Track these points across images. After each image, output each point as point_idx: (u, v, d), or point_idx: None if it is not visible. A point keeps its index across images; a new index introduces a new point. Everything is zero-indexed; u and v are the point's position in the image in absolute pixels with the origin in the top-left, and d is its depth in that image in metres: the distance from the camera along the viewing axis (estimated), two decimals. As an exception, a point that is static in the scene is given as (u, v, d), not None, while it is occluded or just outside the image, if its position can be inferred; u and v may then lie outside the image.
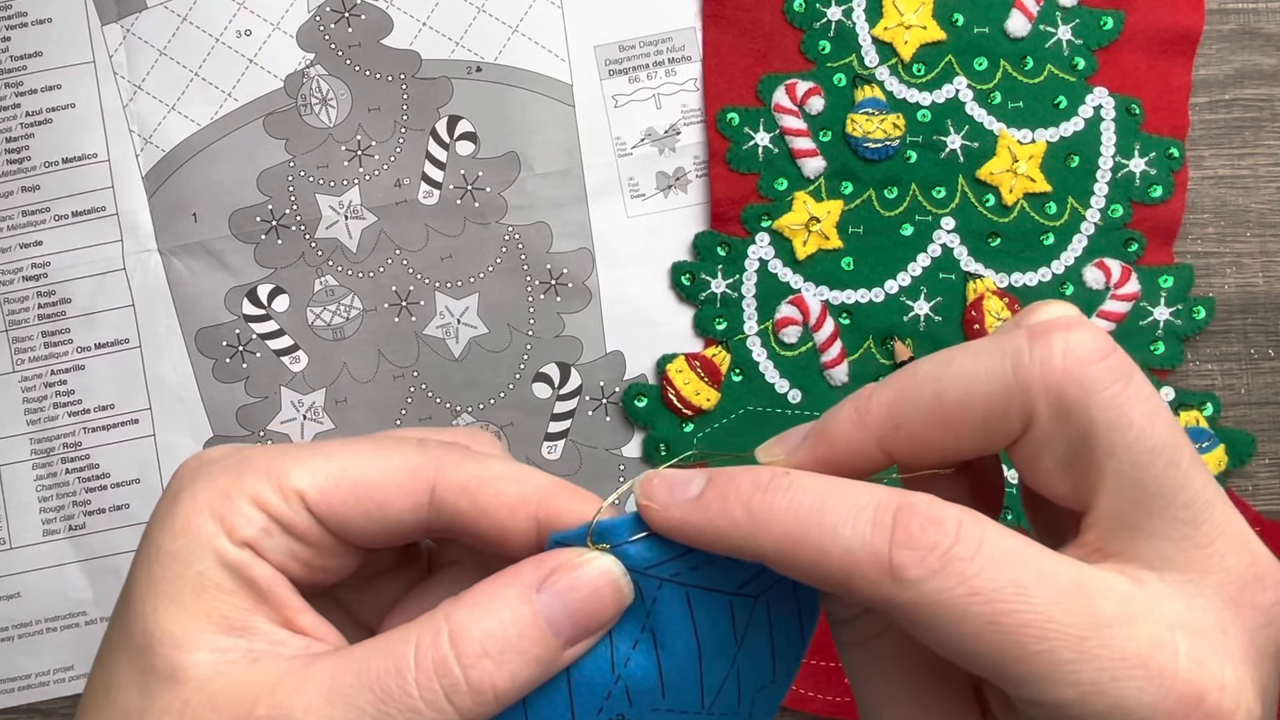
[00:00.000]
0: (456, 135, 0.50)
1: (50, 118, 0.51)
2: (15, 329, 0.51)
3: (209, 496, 0.25)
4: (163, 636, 0.23)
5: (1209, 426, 0.48)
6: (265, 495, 0.25)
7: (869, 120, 0.48)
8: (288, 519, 0.25)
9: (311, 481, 0.25)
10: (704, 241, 0.49)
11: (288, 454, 0.25)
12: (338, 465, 0.25)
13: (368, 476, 0.25)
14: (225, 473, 0.25)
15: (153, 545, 0.25)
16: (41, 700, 0.50)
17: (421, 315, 0.50)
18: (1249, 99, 0.49)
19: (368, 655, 0.23)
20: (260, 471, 0.25)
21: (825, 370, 0.49)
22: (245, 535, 0.24)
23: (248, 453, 0.26)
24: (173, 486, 0.26)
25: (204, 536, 0.24)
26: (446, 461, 0.26)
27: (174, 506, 0.25)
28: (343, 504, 0.25)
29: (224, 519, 0.24)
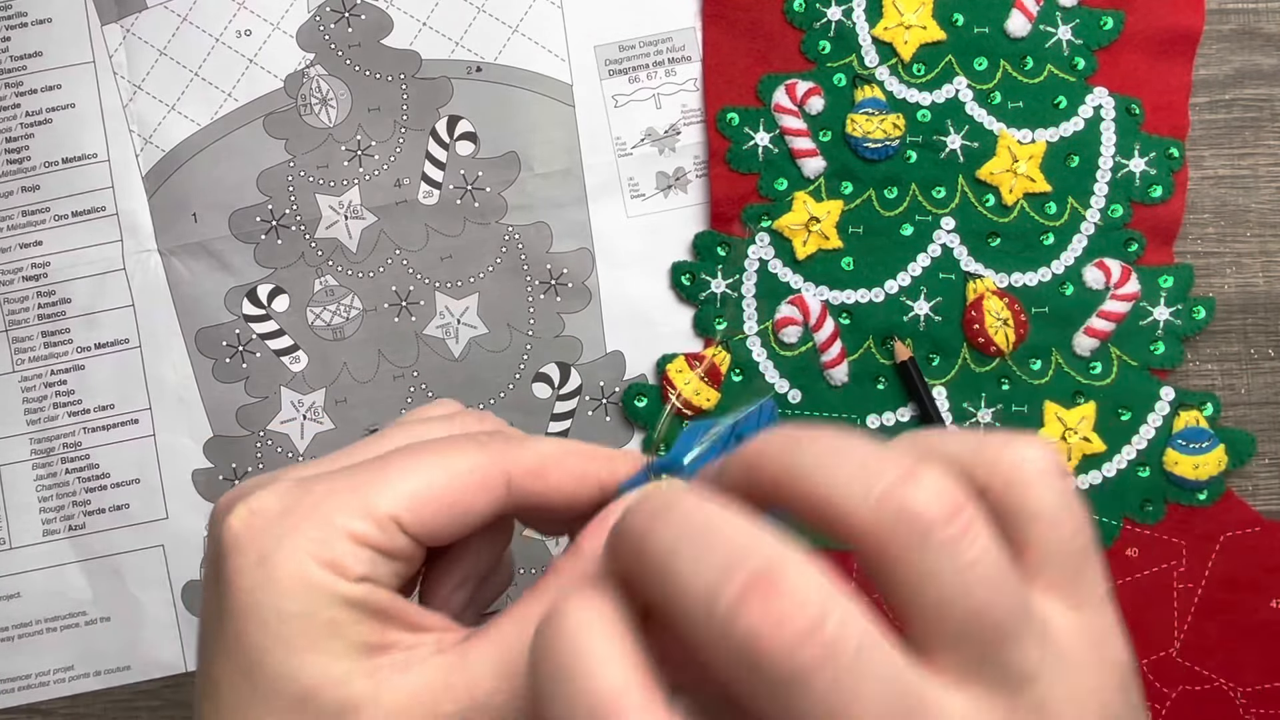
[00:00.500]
0: (456, 135, 0.50)
1: (50, 118, 0.51)
2: (15, 329, 0.51)
3: (309, 549, 0.25)
4: (322, 681, 0.24)
5: (1209, 426, 0.48)
6: (363, 531, 0.25)
7: (869, 120, 0.48)
8: (389, 547, 0.26)
9: (399, 504, 0.26)
10: (704, 241, 0.49)
11: (360, 487, 0.26)
12: (418, 483, 0.26)
13: (450, 486, 0.26)
14: (309, 521, 0.25)
15: (263, 610, 0.24)
16: (41, 700, 0.50)
17: (421, 315, 0.50)
18: (1249, 99, 0.49)
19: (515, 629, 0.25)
20: (346, 509, 0.25)
21: (825, 370, 0.49)
22: (360, 572, 0.25)
23: (314, 494, 0.26)
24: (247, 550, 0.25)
25: (324, 586, 0.25)
26: (509, 453, 0.27)
27: (269, 570, 0.24)
28: (434, 517, 0.26)
29: (334, 564, 0.25)
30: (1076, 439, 0.48)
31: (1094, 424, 0.48)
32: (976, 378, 0.48)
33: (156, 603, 0.50)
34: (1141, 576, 0.48)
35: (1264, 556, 0.47)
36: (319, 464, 0.28)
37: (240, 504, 0.26)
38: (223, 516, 0.26)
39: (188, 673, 0.50)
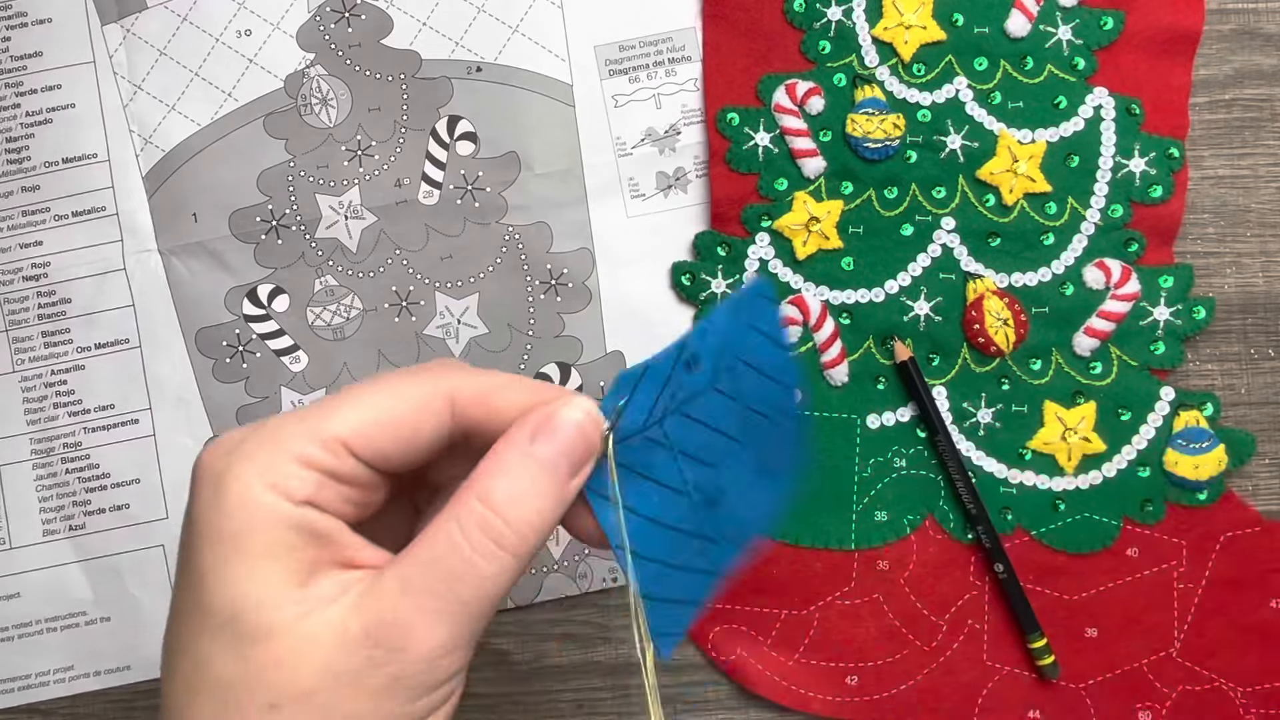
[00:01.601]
0: (456, 135, 0.50)
1: (50, 118, 0.51)
2: (15, 329, 0.51)
3: (256, 470, 0.26)
4: (249, 604, 0.25)
5: (1209, 426, 0.48)
6: (311, 453, 0.26)
7: (869, 120, 0.48)
8: (337, 469, 0.27)
9: (349, 428, 0.27)
10: (704, 241, 0.49)
11: (314, 412, 0.27)
12: (366, 407, 0.27)
13: (396, 409, 0.27)
14: (261, 446, 0.26)
15: (210, 527, 0.26)
16: (41, 700, 0.50)
17: (421, 315, 0.50)
18: (1249, 99, 0.49)
19: (418, 550, 0.27)
20: (297, 434, 0.26)
21: (825, 370, 0.49)
22: (302, 494, 0.26)
23: (269, 424, 0.27)
24: (208, 474, 0.26)
25: (263, 505, 0.26)
26: (456, 379, 0.28)
27: (220, 489, 0.26)
28: (381, 440, 0.27)
29: (277, 485, 0.26)
30: (1076, 439, 0.48)
31: (1094, 424, 0.48)
32: (976, 378, 0.48)
33: (156, 603, 0.50)
34: (1141, 576, 0.48)
35: (1264, 556, 0.47)
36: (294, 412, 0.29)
37: (214, 442, 0.27)
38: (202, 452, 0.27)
39: (188, 673, 0.50)
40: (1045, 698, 0.48)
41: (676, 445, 0.29)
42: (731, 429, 0.30)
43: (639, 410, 0.28)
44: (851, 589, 0.49)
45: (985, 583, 0.48)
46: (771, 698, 0.49)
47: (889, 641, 0.49)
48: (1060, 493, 0.48)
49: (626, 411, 0.28)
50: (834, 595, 0.49)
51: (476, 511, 0.27)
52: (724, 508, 0.30)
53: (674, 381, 0.28)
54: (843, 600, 0.49)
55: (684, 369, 0.28)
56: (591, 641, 0.50)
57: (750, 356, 0.30)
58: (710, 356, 0.29)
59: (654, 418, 0.28)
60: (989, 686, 0.48)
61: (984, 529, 0.47)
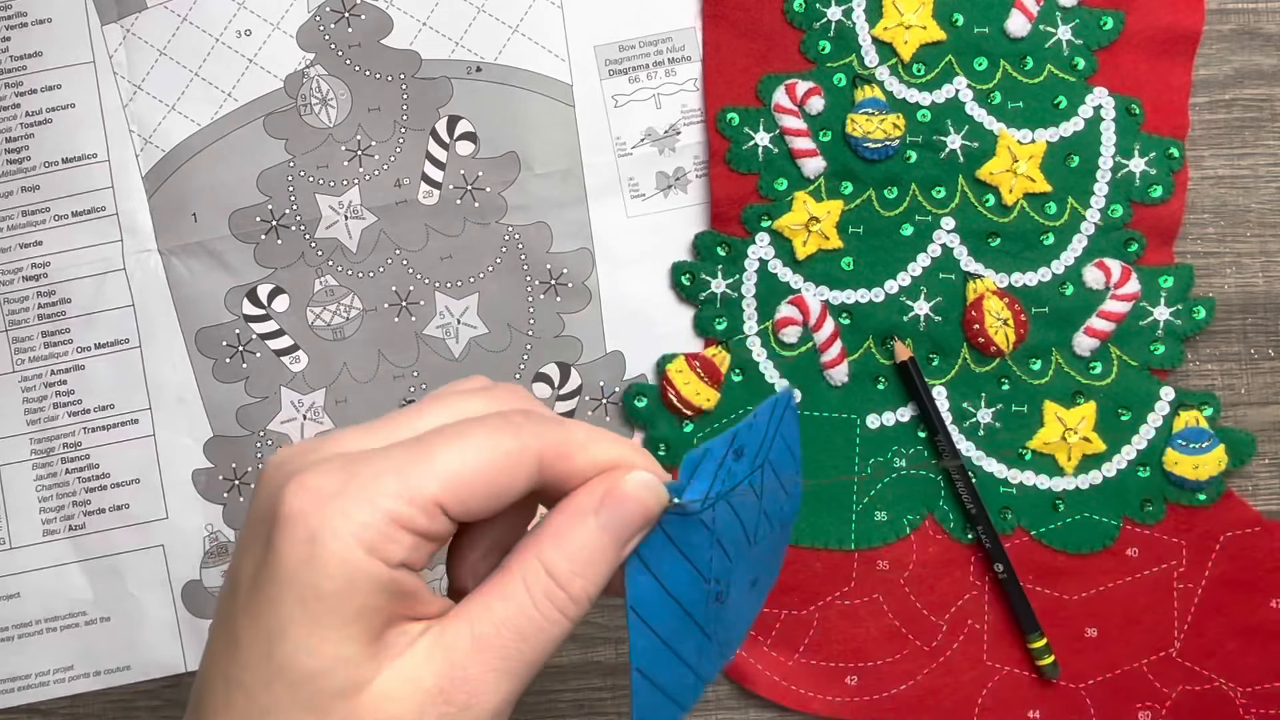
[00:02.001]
0: (456, 135, 0.50)
1: (50, 118, 0.51)
2: (15, 329, 0.51)
3: (355, 530, 0.26)
4: (334, 662, 0.26)
5: (1209, 426, 0.48)
6: (409, 515, 0.26)
7: (869, 120, 0.48)
8: (429, 530, 0.27)
9: (443, 488, 0.26)
10: (704, 241, 0.49)
11: (405, 470, 0.26)
12: (458, 463, 0.27)
13: (489, 467, 0.27)
14: (356, 503, 0.26)
15: (300, 585, 0.26)
16: (41, 700, 0.50)
17: (421, 315, 0.50)
18: (1249, 99, 0.49)
19: (488, 606, 0.27)
20: (391, 492, 0.26)
21: (825, 370, 0.49)
22: (398, 557, 0.26)
23: (360, 474, 0.26)
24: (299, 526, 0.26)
25: (364, 572, 0.26)
26: (542, 434, 0.28)
27: (317, 548, 0.25)
28: (473, 499, 0.27)
29: (376, 549, 0.26)
30: (1076, 439, 0.48)
31: (1094, 424, 0.48)
32: (976, 378, 0.49)
33: (156, 603, 0.50)
34: (1141, 576, 0.48)
35: (1264, 556, 0.47)
36: (360, 434, 0.28)
37: (297, 479, 0.26)
38: (279, 488, 0.27)
39: (188, 673, 0.50)
40: (1045, 698, 0.48)
41: (716, 532, 0.30)
42: (749, 527, 0.31)
43: (695, 491, 0.29)
44: (851, 589, 0.49)
45: (985, 583, 0.48)
46: (771, 698, 0.49)
47: (889, 641, 0.49)
48: (1060, 493, 0.48)
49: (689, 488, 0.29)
50: (834, 595, 0.49)
51: (545, 582, 0.28)
52: (726, 608, 0.31)
53: (725, 468, 0.29)
54: (842, 600, 0.49)
55: (734, 457, 0.29)
56: (591, 641, 0.50)
57: (774, 461, 0.31)
58: (751, 449, 0.30)
59: (709, 501, 0.29)
60: (989, 686, 0.48)
61: (984, 529, 0.47)
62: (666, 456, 0.49)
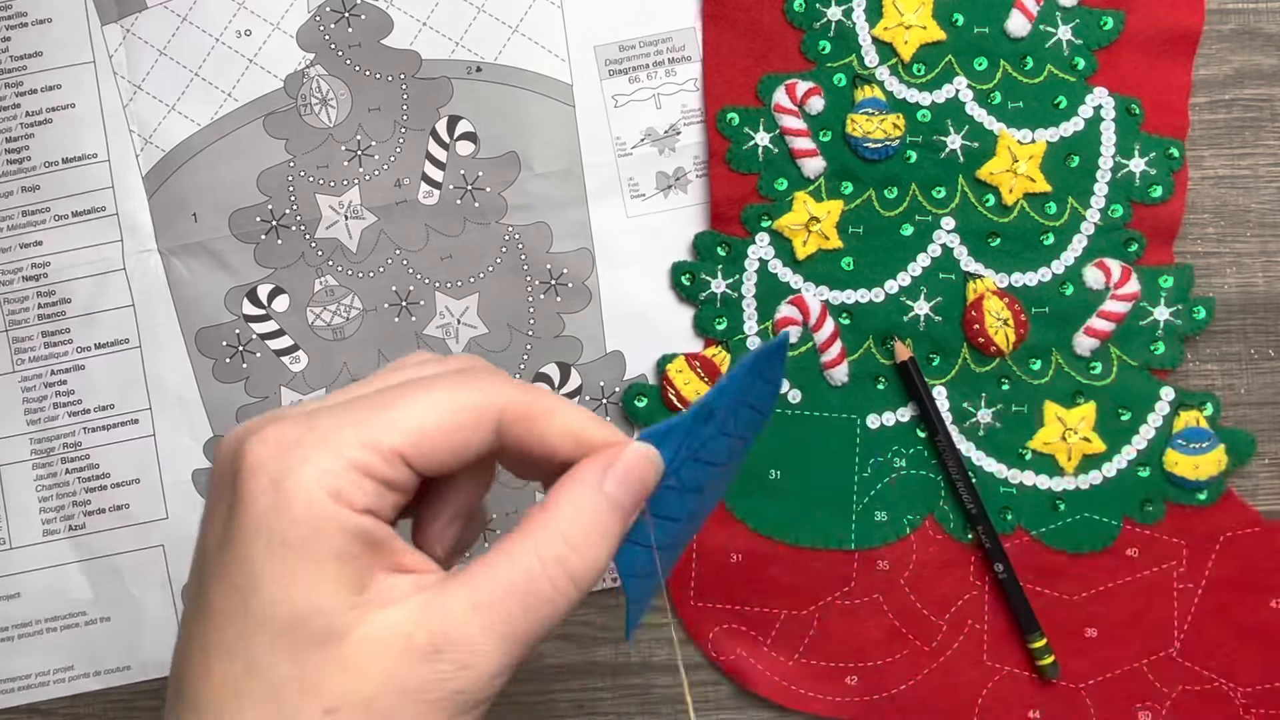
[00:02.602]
0: (456, 135, 0.50)
1: (50, 118, 0.51)
2: (15, 329, 0.51)
3: (318, 477, 0.26)
4: (313, 609, 0.25)
5: (1209, 426, 0.48)
6: (371, 462, 0.26)
7: (869, 120, 0.48)
8: (392, 478, 0.27)
9: (404, 438, 0.27)
10: (704, 241, 0.49)
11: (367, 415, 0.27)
12: (420, 416, 0.27)
13: (449, 420, 0.28)
14: (318, 450, 0.26)
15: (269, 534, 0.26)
16: (41, 700, 0.50)
17: (421, 315, 0.50)
18: (1249, 99, 0.49)
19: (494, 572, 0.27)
20: (355, 442, 0.26)
21: (825, 370, 0.49)
22: (364, 503, 0.26)
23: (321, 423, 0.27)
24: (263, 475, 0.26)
25: (331, 517, 0.26)
26: (506, 393, 0.29)
27: (281, 495, 0.26)
28: (434, 450, 0.27)
29: (341, 495, 0.26)
30: (1076, 439, 0.48)
31: (1094, 424, 0.48)
32: (976, 378, 0.48)
33: (156, 603, 0.50)
34: (1141, 576, 0.48)
35: (1264, 556, 0.47)
36: (324, 400, 0.29)
37: (257, 434, 0.27)
38: (237, 444, 0.27)
39: (188, 673, 0.50)
40: (1045, 698, 0.48)
41: (684, 485, 0.31)
42: (722, 458, 0.32)
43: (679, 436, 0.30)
44: (851, 589, 0.49)
45: (985, 583, 0.48)
46: (771, 698, 0.49)
47: (889, 641, 0.49)
48: (1060, 493, 0.48)
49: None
50: (834, 595, 0.49)
51: (559, 548, 0.28)
52: (701, 514, 0.33)
53: (691, 434, 0.30)
54: (843, 600, 0.49)
55: (701, 423, 0.30)
56: (591, 642, 0.50)
57: (752, 399, 0.32)
58: (721, 409, 0.31)
59: (672, 468, 0.30)
60: (989, 686, 0.48)
61: (984, 529, 0.47)
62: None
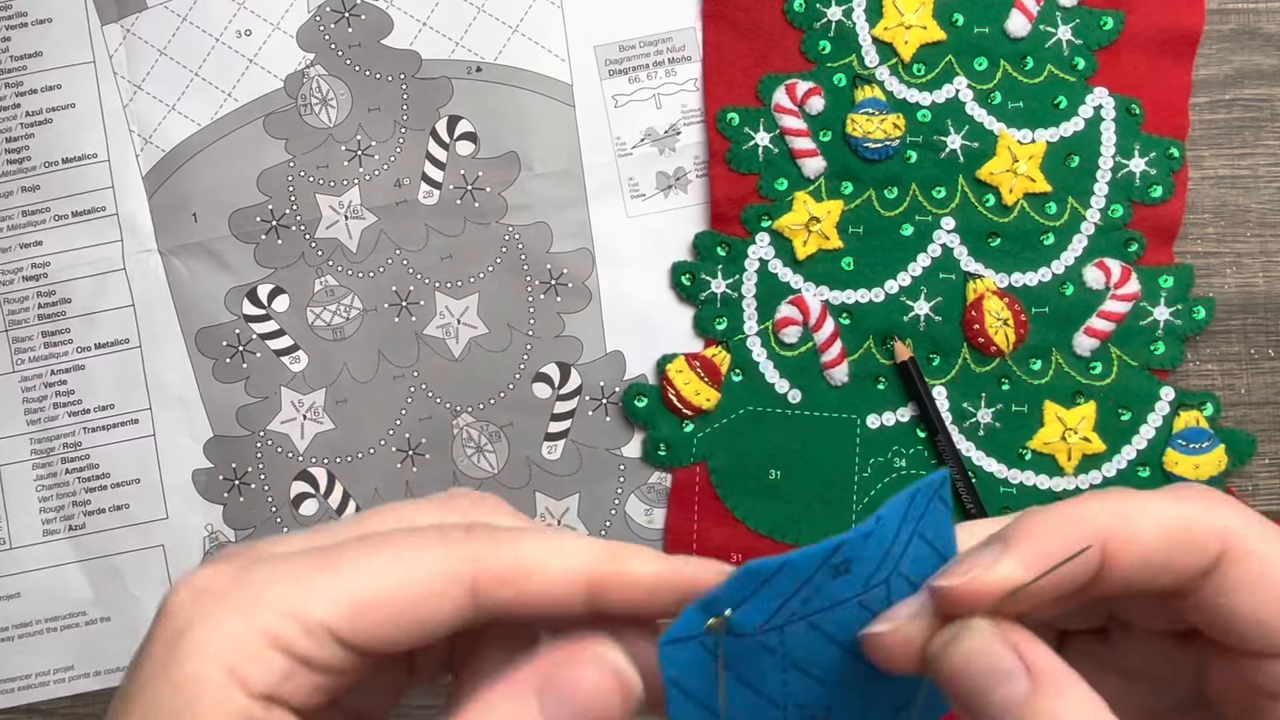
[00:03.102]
0: (456, 135, 0.50)
1: (50, 118, 0.51)
2: (15, 329, 0.51)
3: (218, 645, 0.21)
4: None
5: (1209, 426, 0.48)
6: (286, 634, 0.21)
7: (869, 120, 0.48)
8: (313, 657, 0.22)
9: (336, 610, 0.22)
10: (704, 241, 0.49)
11: (301, 578, 0.22)
12: (362, 585, 0.22)
13: (399, 593, 0.22)
14: (232, 612, 0.22)
15: (147, 699, 0.21)
16: (41, 700, 0.50)
17: (421, 315, 0.50)
18: (1249, 99, 0.49)
19: None
20: (274, 605, 0.21)
21: (825, 370, 0.49)
22: (263, 687, 0.21)
23: (251, 579, 0.22)
24: (169, 622, 0.22)
25: (214, 694, 0.21)
26: (480, 554, 0.23)
27: (173, 655, 0.21)
28: (376, 627, 0.22)
29: (236, 670, 0.21)
30: (1076, 439, 0.48)
31: (1094, 424, 0.48)
32: (976, 378, 0.48)
33: (156, 603, 0.50)
34: (1141, 576, 0.48)
35: (1264, 556, 0.47)
36: (295, 540, 0.24)
37: (190, 576, 0.23)
38: (178, 580, 0.23)
39: (188, 673, 0.50)
40: (1045, 698, 0.48)
41: (790, 655, 0.23)
42: (852, 643, 0.24)
43: (759, 611, 0.22)
44: (851, 589, 0.49)
45: (985, 583, 0.48)
46: (771, 698, 0.49)
47: (889, 641, 0.49)
48: (1060, 493, 0.48)
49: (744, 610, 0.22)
50: (834, 595, 0.49)
51: None
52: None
53: (813, 585, 0.23)
54: (843, 600, 0.49)
55: (830, 573, 0.22)
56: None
57: (910, 569, 0.24)
58: (868, 564, 0.23)
59: (775, 622, 0.23)
60: (989, 686, 0.48)
61: (984, 529, 0.47)
62: (667, 457, 0.49)
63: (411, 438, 0.50)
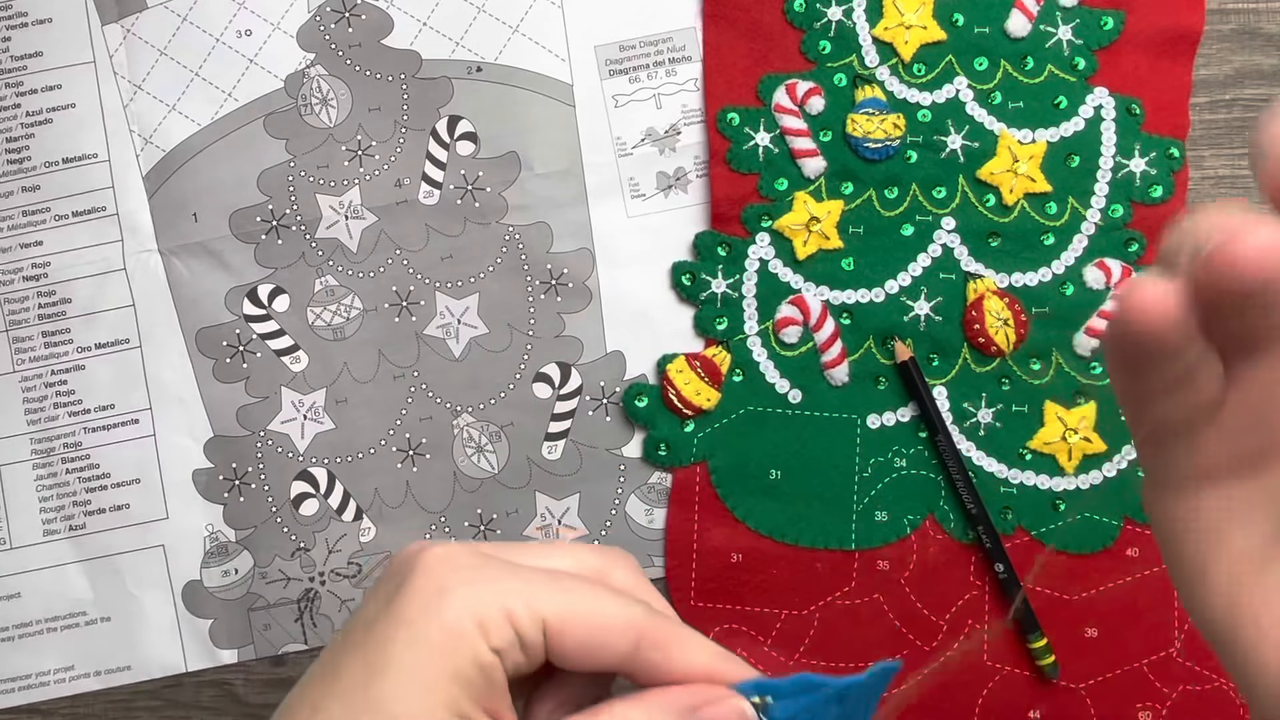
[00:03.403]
0: (457, 135, 0.50)
1: (50, 118, 0.51)
2: (15, 329, 0.51)
3: (473, 604, 0.28)
4: (408, 716, 0.27)
5: (1209, 426, 0.48)
6: (518, 614, 0.28)
7: (869, 120, 0.48)
8: (529, 639, 0.28)
9: (554, 611, 0.28)
10: (704, 241, 0.49)
11: (534, 581, 0.29)
12: (575, 601, 0.29)
13: (597, 622, 0.29)
14: (486, 583, 0.28)
15: (415, 629, 0.27)
16: (41, 700, 0.50)
17: (421, 315, 0.50)
18: (1249, 99, 0.49)
19: None
20: (514, 592, 0.28)
21: (825, 370, 0.49)
22: (498, 644, 0.28)
23: (495, 568, 0.29)
24: (431, 580, 0.28)
25: (469, 637, 0.27)
26: (650, 619, 0.29)
27: (441, 602, 0.28)
28: (571, 638, 0.28)
29: (484, 626, 0.27)
30: (1077, 439, 0.48)
31: (1094, 424, 0.48)
32: (977, 378, 0.48)
33: (156, 603, 0.50)
34: (1141, 576, 0.48)
35: (1264, 556, 0.47)
36: (502, 549, 0.30)
37: (439, 547, 0.29)
38: (419, 549, 0.29)
39: (188, 672, 0.50)
40: (1045, 698, 0.48)
41: None
42: None
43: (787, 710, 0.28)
44: (852, 589, 0.49)
45: (985, 583, 0.48)
46: (772, 698, 0.49)
47: (889, 642, 0.49)
48: (1060, 493, 0.48)
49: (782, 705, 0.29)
50: (834, 595, 0.49)
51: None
52: None
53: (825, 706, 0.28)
54: (843, 600, 0.49)
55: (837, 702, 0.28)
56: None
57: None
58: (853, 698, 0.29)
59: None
60: (989, 686, 0.48)
61: (984, 529, 0.47)
62: (667, 457, 0.49)
63: (412, 438, 0.50)
